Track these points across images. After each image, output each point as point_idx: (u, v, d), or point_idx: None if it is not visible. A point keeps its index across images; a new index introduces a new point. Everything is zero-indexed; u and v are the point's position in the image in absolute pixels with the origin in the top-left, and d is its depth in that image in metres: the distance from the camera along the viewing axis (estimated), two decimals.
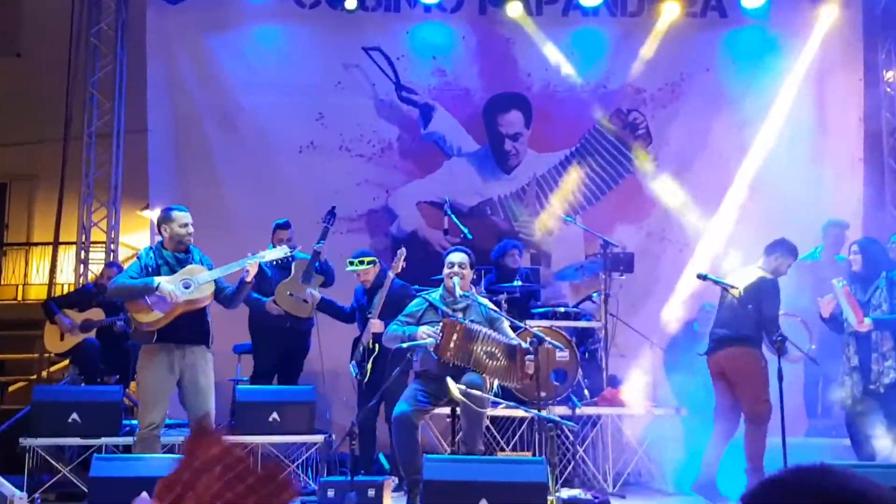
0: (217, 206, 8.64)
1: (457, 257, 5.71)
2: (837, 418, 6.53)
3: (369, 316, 6.47)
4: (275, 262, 5.87)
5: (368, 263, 6.67)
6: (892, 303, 5.88)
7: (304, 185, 8.90)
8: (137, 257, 5.60)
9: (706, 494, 5.82)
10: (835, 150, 8.83)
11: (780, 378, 5.49)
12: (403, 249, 6.53)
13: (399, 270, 6.47)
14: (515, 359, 5.38)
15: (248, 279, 5.41)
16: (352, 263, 6.68)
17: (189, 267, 5.41)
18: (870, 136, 9.01)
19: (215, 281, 5.43)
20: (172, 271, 5.39)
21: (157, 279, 5.30)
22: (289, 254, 5.63)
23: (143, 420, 5.38)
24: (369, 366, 6.40)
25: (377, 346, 6.29)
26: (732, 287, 5.88)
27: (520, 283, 7.31)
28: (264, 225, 7.40)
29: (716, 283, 6.04)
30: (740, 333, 5.89)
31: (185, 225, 5.46)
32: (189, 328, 5.41)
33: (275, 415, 6.34)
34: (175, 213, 5.49)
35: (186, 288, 5.31)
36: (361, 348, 6.50)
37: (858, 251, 6.08)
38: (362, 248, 7.20)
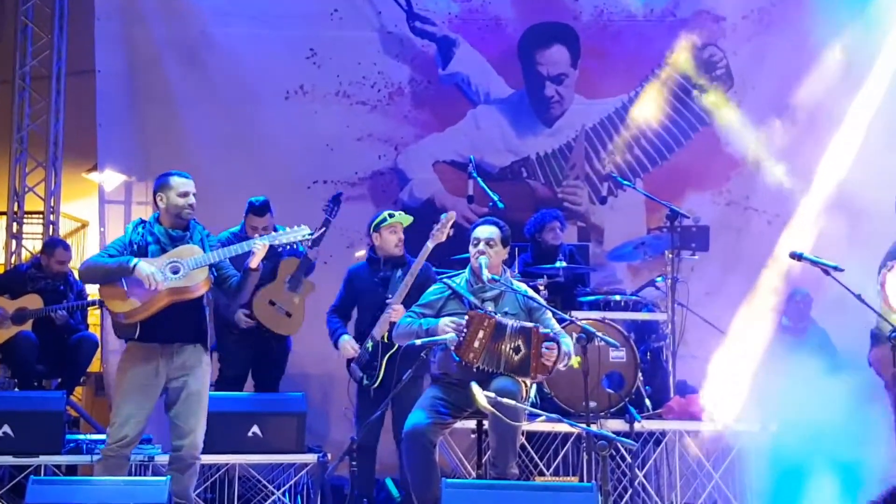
0: (182, 167, 8.52)
1: (485, 231, 5.69)
2: None
3: (388, 301, 6.36)
4: (284, 248, 5.62)
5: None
6: None
7: (291, 140, 8.92)
8: (124, 231, 5.61)
9: None
10: None
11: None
12: (453, 213, 6.39)
13: (443, 240, 6.32)
14: (530, 345, 5.40)
15: (253, 265, 5.36)
16: (392, 216, 6.48)
17: (181, 248, 5.38)
18: None
19: (217, 267, 5.42)
20: (164, 251, 5.38)
21: (135, 259, 5.29)
22: (308, 237, 5.50)
23: (113, 433, 5.33)
24: (383, 367, 6.31)
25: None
26: (835, 268, 5.86)
27: (563, 263, 7.31)
28: (241, 191, 7.40)
29: (814, 263, 6.01)
30: (879, 327, 5.90)
31: (186, 195, 5.45)
32: (179, 323, 5.37)
33: (255, 429, 6.38)
34: (174, 180, 5.48)
35: (175, 273, 5.28)
36: (372, 343, 6.39)
37: None
38: (363, 220, 7.13)
